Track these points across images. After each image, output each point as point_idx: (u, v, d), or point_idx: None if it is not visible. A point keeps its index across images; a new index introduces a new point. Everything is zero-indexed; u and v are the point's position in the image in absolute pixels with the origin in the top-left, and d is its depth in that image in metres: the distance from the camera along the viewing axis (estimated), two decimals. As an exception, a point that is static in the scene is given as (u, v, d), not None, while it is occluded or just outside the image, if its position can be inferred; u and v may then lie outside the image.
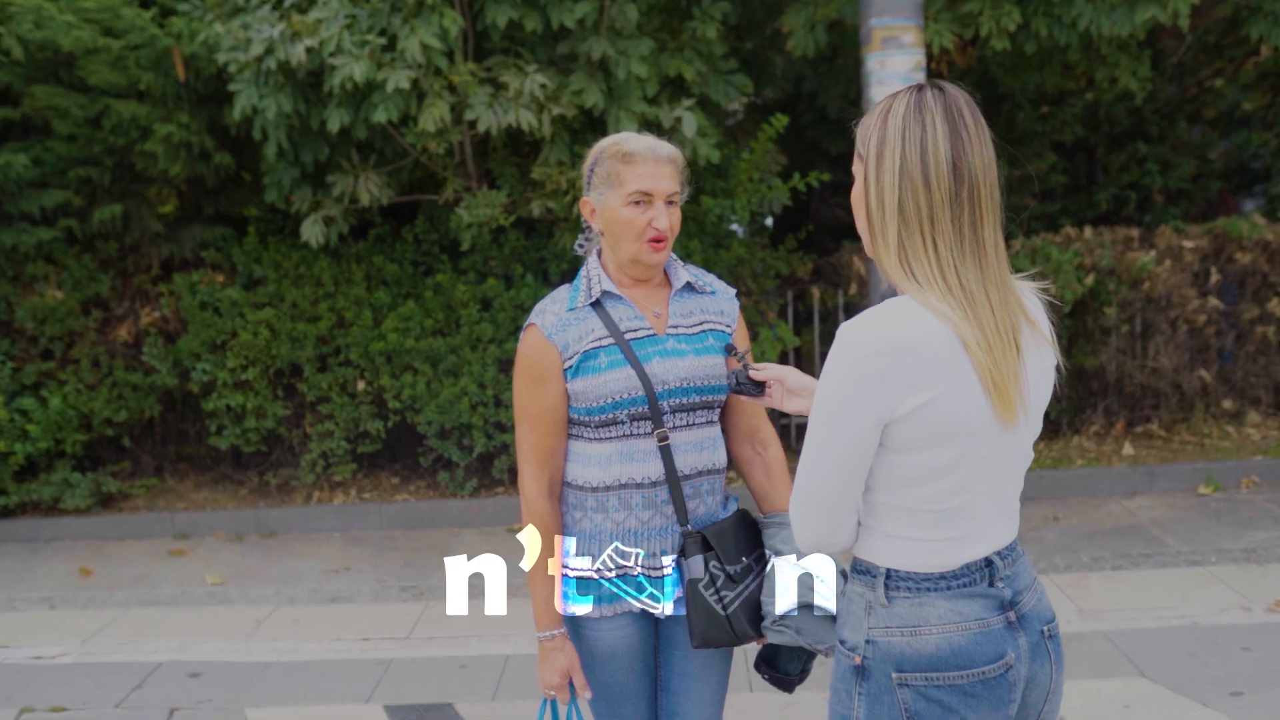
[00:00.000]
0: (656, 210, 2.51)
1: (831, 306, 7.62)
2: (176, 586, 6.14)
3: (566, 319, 2.52)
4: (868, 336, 1.82)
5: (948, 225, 1.87)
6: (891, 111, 1.91)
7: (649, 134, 2.62)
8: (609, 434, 2.50)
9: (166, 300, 7.04)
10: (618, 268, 2.59)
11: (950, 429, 1.84)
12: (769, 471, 2.72)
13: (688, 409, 2.54)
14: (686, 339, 2.58)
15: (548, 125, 5.74)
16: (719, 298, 2.68)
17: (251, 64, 5.66)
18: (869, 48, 5.75)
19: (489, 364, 6.79)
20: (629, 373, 2.48)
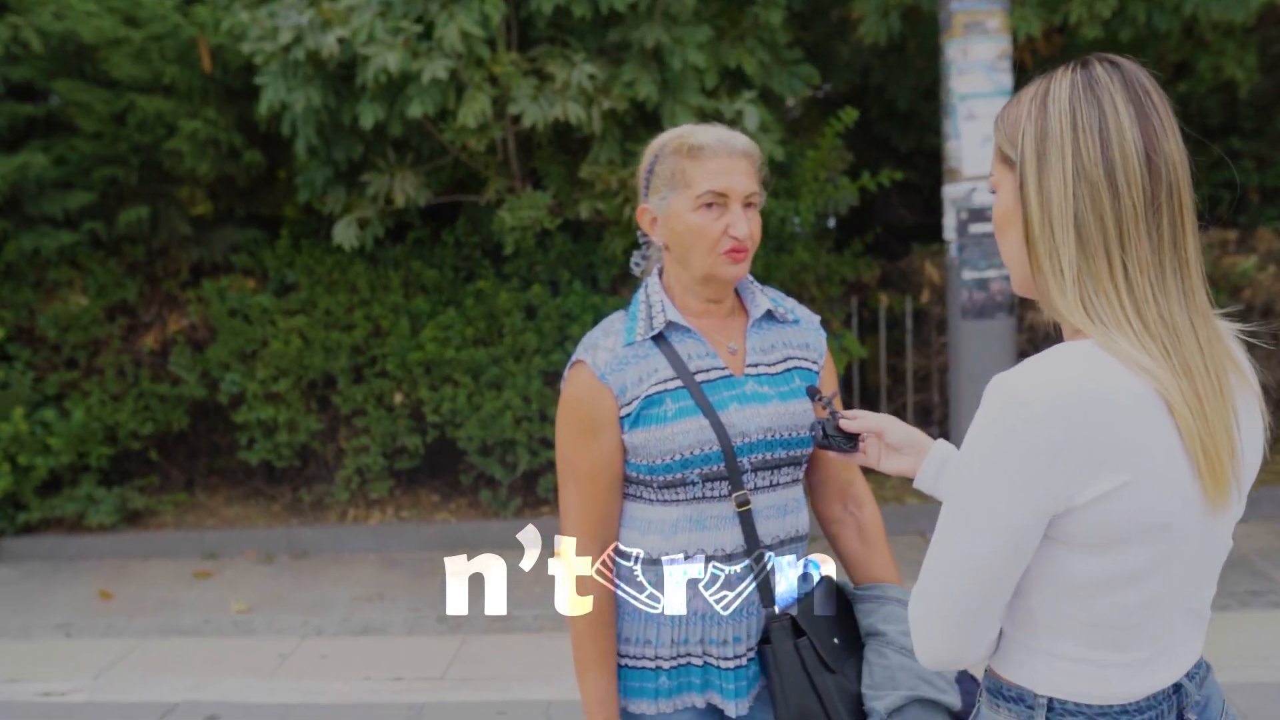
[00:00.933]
0: (733, 214, 2.04)
1: (899, 314, 7.11)
2: (200, 614, 5.76)
3: (623, 355, 2.05)
4: (1039, 393, 1.34)
5: (1143, 241, 1.39)
6: (1052, 95, 1.43)
7: (717, 125, 2.15)
8: (675, 496, 2.04)
9: (194, 307, 6.67)
10: (686, 289, 2.11)
11: (1148, 522, 1.37)
12: (864, 534, 2.25)
13: (771, 466, 2.07)
14: (769, 380, 2.11)
15: (597, 120, 5.28)
16: (804, 328, 2.21)
17: (279, 54, 5.25)
18: (949, 34, 5.24)
19: (534, 376, 6.35)
20: (701, 423, 2.01)
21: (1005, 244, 1.54)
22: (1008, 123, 1.49)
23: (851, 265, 6.81)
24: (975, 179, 5.22)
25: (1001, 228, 1.54)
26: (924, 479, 1.90)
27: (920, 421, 7.24)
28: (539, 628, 5.46)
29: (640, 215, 2.13)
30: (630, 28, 5.38)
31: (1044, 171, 1.42)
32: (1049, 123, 1.42)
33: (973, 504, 1.39)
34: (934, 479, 1.90)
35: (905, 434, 1.94)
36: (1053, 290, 1.43)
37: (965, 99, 5.22)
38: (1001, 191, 1.52)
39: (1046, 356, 1.40)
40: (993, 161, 1.54)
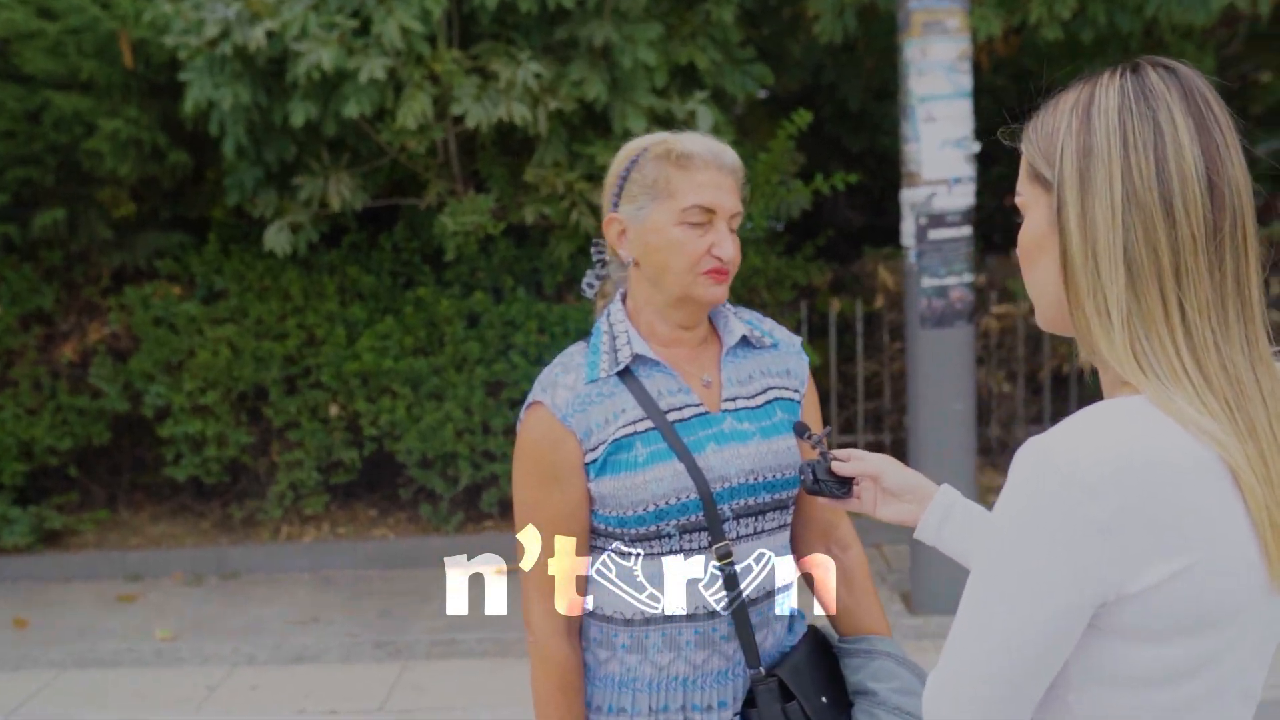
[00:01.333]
0: (718, 233, 1.83)
1: (850, 319, 6.94)
2: (121, 642, 5.43)
3: (586, 394, 1.82)
4: (1086, 462, 1.13)
5: (1204, 279, 1.19)
6: (1098, 106, 1.22)
7: (699, 133, 1.93)
8: (650, 549, 1.81)
9: (116, 315, 6.32)
10: (656, 313, 1.89)
11: (1212, 609, 1.16)
12: (850, 580, 2.04)
13: (755, 512, 1.86)
14: (749, 415, 1.89)
15: (543, 121, 5.04)
16: (783, 353, 1.99)
17: (204, 49, 4.94)
18: (908, 33, 5.06)
19: (476, 387, 6.09)
20: (676, 468, 1.79)
21: (1034, 273, 1.33)
22: (1042, 135, 1.28)
23: (803, 269, 6.63)
24: (935, 183, 5.05)
25: (1030, 255, 1.33)
26: (926, 529, 1.70)
27: (872, 428, 7.08)
28: (483, 652, 5.21)
29: (607, 225, 1.90)
30: (578, 24, 5.14)
31: (1088, 195, 1.21)
32: (1094, 138, 1.21)
33: (1006, 587, 1.18)
34: (937, 529, 1.70)
35: (904, 478, 1.73)
36: (1096, 333, 1.22)
37: (925, 100, 5.05)
38: (1032, 214, 1.31)
39: (1091, 416, 1.19)
40: (1021, 178, 1.34)
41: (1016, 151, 1.39)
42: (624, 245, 1.89)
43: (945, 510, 1.69)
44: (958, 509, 1.69)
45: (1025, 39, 6.02)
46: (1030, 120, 1.33)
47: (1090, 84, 1.26)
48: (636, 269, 1.88)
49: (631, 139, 2.00)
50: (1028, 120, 1.35)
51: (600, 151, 5.23)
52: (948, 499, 1.70)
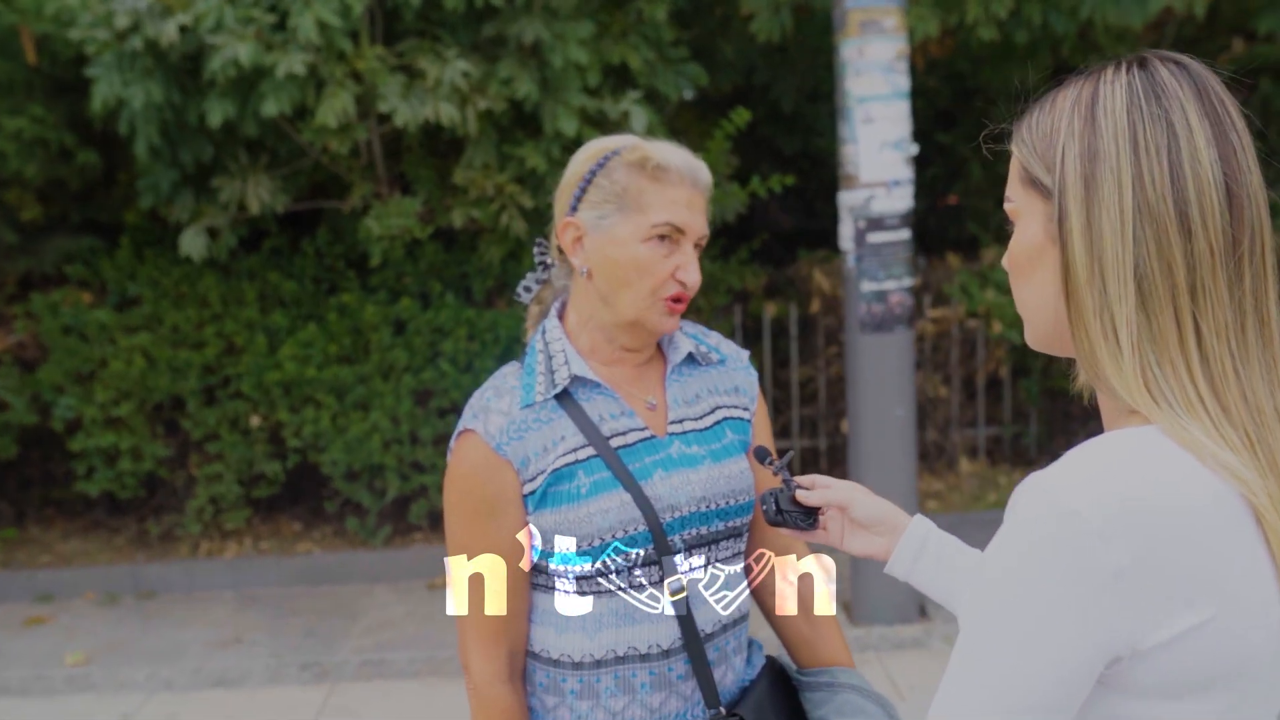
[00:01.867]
0: (685, 255, 1.69)
1: (785, 323, 6.86)
2: (29, 668, 5.15)
3: (522, 420, 1.67)
4: (1095, 503, 1.01)
5: (1221, 297, 1.07)
6: (1102, 104, 1.10)
7: (673, 143, 1.77)
8: (596, 587, 1.67)
9: (22, 323, 6.01)
10: (599, 330, 1.74)
11: (1233, 661, 1.04)
12: (808, 608, 1.92)
13: (708, 541, 1.72)
14: (697, 438, 1.76)
15: (472, 121, 4.86)
16: (730, 368, 1.86)
17: (113, 43, 4.69)
18: (845, 33, 4.97)
19: (403, 396, 5.89)
20: (622, 498, 1.65)
21: (1027, 288, 1.20)
22: (1038, 135, 1.16)
23: (737, 273, 6.53)
24: (873, 185, 4.96)
25: (1022, 268, 1.20)
26: (898, 563, 1.58)
27: (808, 434, 7.00)
28: (415, 672, 5.02)
29: (562, 230, 1.74)
30: (507, 22, 4.97)
31: (1094, 203, 1.09)
32: (1100, 141, 1.09)
33: (1006, 641, 1.05)
34: (910, 564, 1.57)
35: (874, 508, 1.61)
36: (1102, 357, 1.10)
37: (863, 101, 4.95)
38: (1025, 223, 1.18)
39: (1098, 451, 1.06)
40: (1012, 183, 1.21)
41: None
42: (578, 253, 1.74)
43: (919, 543, 1.57)
44: (932, 542, 1.57)
45: (960, 40, 5.96)
46: (1022, 118, 1.21)
47: (1092, 80, 1.14)
48: (588, 281, 1.74)
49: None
50: (1017, 118, 1.23)
51: (531, 153, 5.07)
52: (921, 531, 1.58)
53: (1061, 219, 1.11)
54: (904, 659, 4.98)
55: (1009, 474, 6.88)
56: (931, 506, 6.43)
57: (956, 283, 6.59)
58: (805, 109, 7.32)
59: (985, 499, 6.56)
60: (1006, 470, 6.92)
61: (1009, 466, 6.97)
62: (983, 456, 6.99)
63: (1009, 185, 1.22)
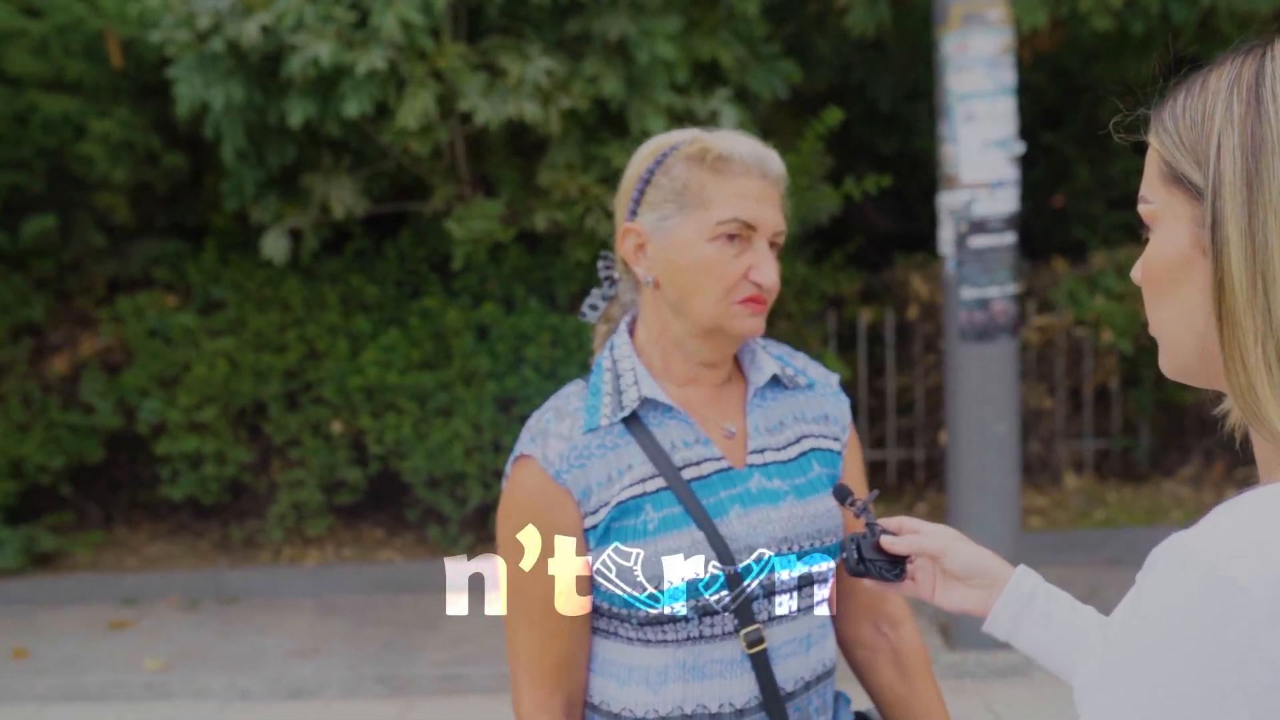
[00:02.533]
0: (759, 253, 1.50)
1: (881, 330, 6.59)
2: (110, 673, 5.12)
3: (585, 446, 1.49)
4: (1263, 577, 0.80)
5: None
6: (1270, 84, 0.89)
7: (740, 133, 1.57)
8: (663, 635, 1.48)
9: (108, 327, 6.02)
10: (675, 346, 1.55)
11: None
12: (901, 663, 1.70)
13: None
14: (780, 470, 1.55)
15: (555, 120, 4.71)
16: (819, 394, 1.65)
17: (194, 45, 4.64)
18: (946, 27, 4.72)
19: (485, 403, 5.76)
20: (694, 536, 1.46)
21: (1166, 308, 0.99)
22: (1186, 123, 0.94)
23: (831, 278, 6.29)
24: (975, 186, 4.70)
25: (1161, 283, 0.98)
26: (999, 621, 1.36)
27: (904, 445, 6.73)
28: (492, 688, 4.88)
29: (622, 238, 1.56)
30: (592, 18, 4.81)
31: (1258, 205, 0.87)
32: (1267, 129, 0.87)
33: None
34: (1013, 622, 1.36)
35: (971, 558, 1.39)
36: (1263, 394, 0.88)
37: (964, 99, 4.70)
38: (1167, 229, 0.97)
39: (1259, 509, 0.85)
40: (1149, 181, 0.99)
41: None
42: (641, 262, 1.55)
43: (1024, 599, 1.35)
44: (1039, 597, 1.36)
45: (1069, 33, 5.65)
46: (1164, 102, 0.99)
47: (1255, 56, 0.92)
48: (655, 291, 1.55)
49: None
50: (1159, 104, 1.01)
51: (616, 153, 4.90)
52: (1026, 586, 1.36)
53: (1215, 225, 0.89)
54: (1005, 688, 4.71)
55: (1117, 489, 6.53)
56: (1034, 524, 6.12)
57: (1063, 288, 6.27)
58: (903, 108, 7.05)
59: (1092, 516, 6.23)
60: (1115, 485, 6.58)
61: (1118, 481, 6.62)
62: (1090, 471, 6.65)
63: (1145, 183, 1.01)
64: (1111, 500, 6.40)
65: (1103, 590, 5.37)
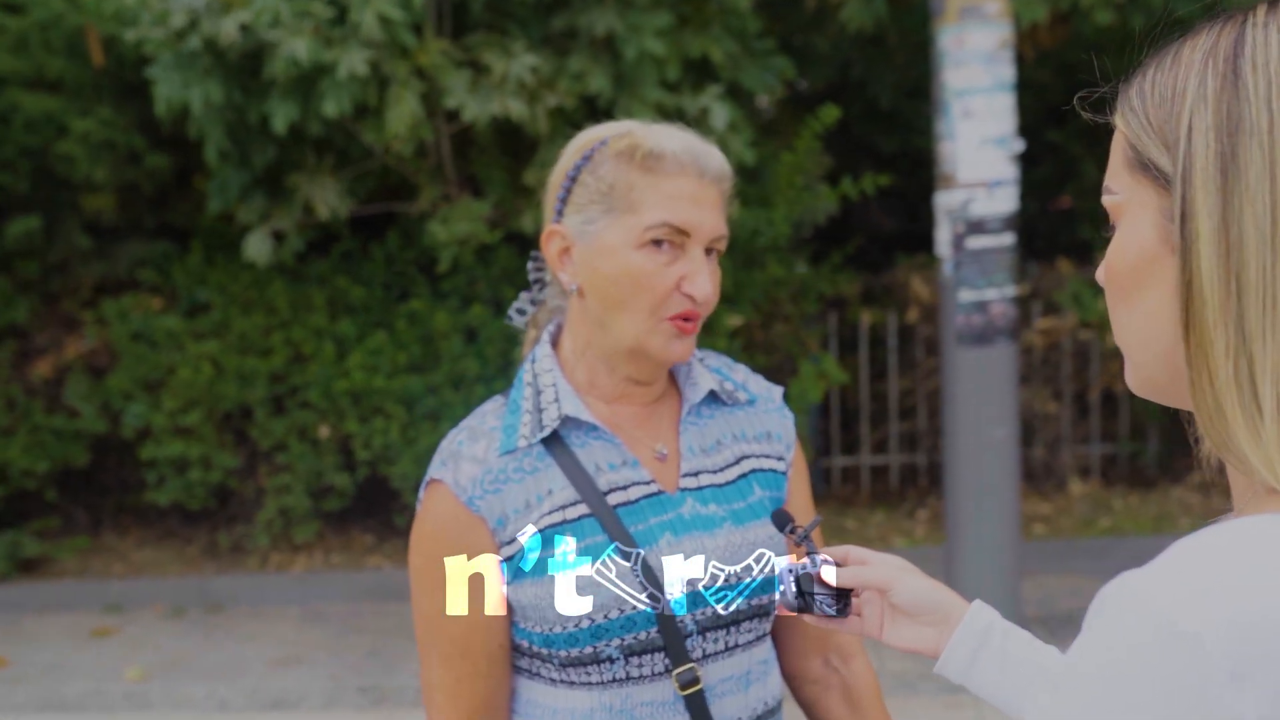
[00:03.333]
0: (692, 262, 1.36)
1: (882, 332, 6.46)
2: (90, 681, 5.02)
3: (500, 470, 1.37)
4: (1224, 629, 0.69)
5: None
6: (1251, 55, 0.78)
7: (678, 126, 1.44)
8: (588, 677, 1.36)
9: (93, 330, 5.92)
10: (599, 360, 1.43)
11: None
12: (852, 698, 1.57)
13: (727, 623, 1.39)
14: (715, 494, 1.43)
15: (542, 118, 4.60)
16: (761, 410, 1.52)
17: (171, 43, 4.53)
18: (943, 19, 4.58)
19: (474, 406, 5.60)
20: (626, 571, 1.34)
21: (1130, 313, 0.86)
22: (1154, 100, 0.82)
23: (830, 280, 6.15)
24: (973, 185, 4.57)
25: (1124, 285, 0.86)
26: (952, 662, 1.23)
27: (906, 450, 6.59)
28: (476, 700, 4.77)
29: (546, 240, 1.43)
30: (578, 13, 4.70)
31: (1234, 196, 0.76)
32: (1246, 107, 0.76)
33: None
34: (968, 663, 1.22)
35: (920, 592, 1.25)
36: (1232, 415, 0.77)
37: (961, 95, 4.56)
38: (1130, 223, 0.85)
39: (1222, 548, 0.74)
40: (1114, 168, 0.88)
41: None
42: (566, 267, 1.42)
43: (979, 638, 1.22)
44: (995, 636, 1.22)
45: (1073, 28, 5.51)
46: (1132, 80, 0.87)
47: (1233, 24, 0.80)
48: (580, 300, 1.42)
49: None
50: (1125, 80, 0.89)
51: (604, 152, 4.77)
52: (981, 622, 1.23)
53: (1185, 217, 0.78)
54: (1003, 702, 4.57)
55: (1124, 496, 6.39)
56: (1038, 531, 5.98)
57: (1068, 291, 6.13)
58: (904, 105, 6.92)
59: (1098, 524, 6.08)
60: (1122, 492, 6.43)
61: (1124, 488, 6.48)
62: (1096, 477, 6.51)
63: (1109, 171, 0.89)
64: (1118, 507, 6.26)
65: (1106, 600, 5.22)
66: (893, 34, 6.34)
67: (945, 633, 1.24)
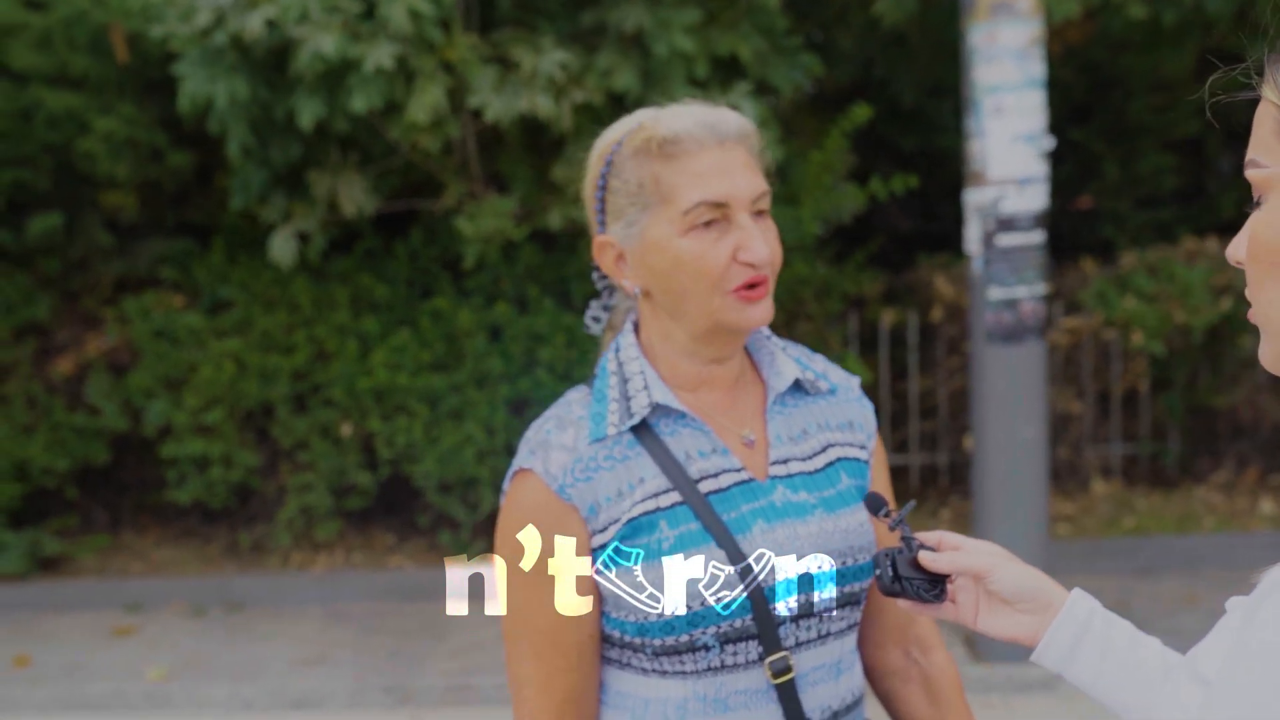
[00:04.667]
0: (742, 229, 1.34)
1: (904, 332, 6.43)
2: (111, 681, 5.00)
3: (590, 458, 1.35)
4: None
5: None
6: None
7: (689, 102, 1.42)
8: (681, 666, 1.34)
9: (114, 327, 5.90)
10: (679, 351, 1.40)
11: None
12: (932, 691, 1.55)
13: (819, 612, 1.37)
14: (805, 482, 1.41)
15: (568, 115, 4.57)
16: (841, 399, 1.50)
17: (197, 39, 4.52)
18: (973, 17, 4.56)
19: (498, 406, 5.62)
20: (715, 555, 1.31)
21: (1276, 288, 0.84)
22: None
23: (854, 278, 6.13)
24: (1003, 183, 4.54)
25: (1272, 260, 0.84)
26: (1052, 650, 1.21)
27: (927, 450, 6.56)
28: (502, 699, 4.73)
29: (599, 253, 1.43)
30: (607, 9, 4.67)
31: None
32: None
33: None
34: (1068, 652, 1.20)
35: (1020, 578, 1.24)
36: None
37: (992, 91, 4.53)
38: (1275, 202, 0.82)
39: None
40: (1261, 142, 0.85)
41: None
42: (624, 273, 1.41)
43: (1080, 626, 1.20)
44: (1097, 625, 1.21)
45: (1100, 25, 5.48)
46: None
47: None
48: (647, 300, 1.41)
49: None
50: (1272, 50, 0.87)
51: (632, 149, 4.75)
52: (1082, 611, 1.21)
53: None
54: (1032, 702, 4.54)
55: (1147, 496, 6.35)
56: (1062, 531, 5.94)
57: (1092, 289, 6.09)
58: (926, 104, 6.89)
59: (1121, 524, 6.05)
60: (1144, 492, 6.39)
61: (1147, 488, 6.44)
62: (1118, 476, 6.47)
63: (1255, 144, 0.86)
64: (1141, 507, 6.22)
65: (1132, 601, 5.20)
66: (916, 32, 6.31)
67: (1044, 621, 1.22)
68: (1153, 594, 5.33)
